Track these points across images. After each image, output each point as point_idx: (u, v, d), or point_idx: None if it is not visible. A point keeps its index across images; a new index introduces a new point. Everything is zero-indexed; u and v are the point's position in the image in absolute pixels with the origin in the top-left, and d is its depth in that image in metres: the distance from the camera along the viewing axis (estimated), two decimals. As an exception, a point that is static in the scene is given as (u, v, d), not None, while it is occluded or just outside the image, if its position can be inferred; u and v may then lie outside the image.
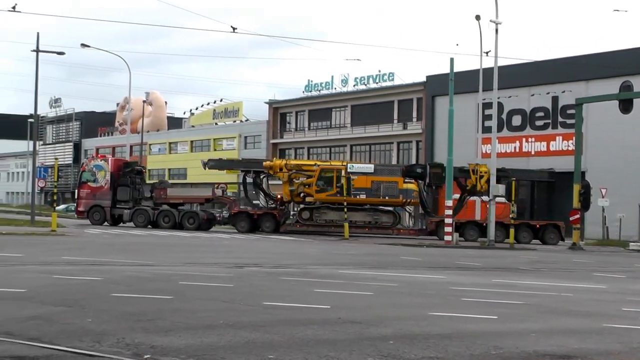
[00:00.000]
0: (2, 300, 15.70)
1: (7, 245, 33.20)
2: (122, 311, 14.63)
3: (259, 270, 25.14)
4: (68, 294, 17.04)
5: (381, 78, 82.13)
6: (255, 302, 16.67)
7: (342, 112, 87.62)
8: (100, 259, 27.46)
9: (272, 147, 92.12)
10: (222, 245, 40.83)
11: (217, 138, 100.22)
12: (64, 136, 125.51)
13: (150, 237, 45.74)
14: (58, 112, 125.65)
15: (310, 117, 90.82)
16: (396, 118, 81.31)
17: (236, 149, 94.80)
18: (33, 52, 54.43)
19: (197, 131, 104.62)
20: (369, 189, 54.90)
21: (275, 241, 46.81)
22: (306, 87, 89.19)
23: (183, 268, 25.01)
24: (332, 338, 12.72)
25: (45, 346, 11.27)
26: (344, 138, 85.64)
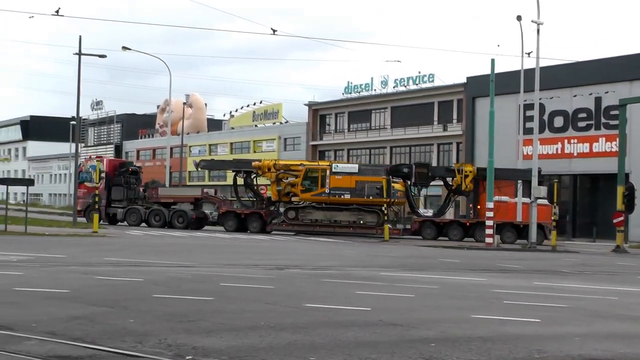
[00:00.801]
0: (46, 301, 15.81)
1: (50, 246, 33.46)
2: (164, 312, 14.68)
3: (300, 272, 25.14)
4: (110, 294, 17.13)
5: (421, 79, 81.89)
6: (296, 303, 16.66)
7: (381, 113, 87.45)
8: (141, 260, 27.60)
9: (312, 149, 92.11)
10: (260, 246, 40.88)
11: (257, 140, 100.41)
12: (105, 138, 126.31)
13: (190, 238, 45.89)
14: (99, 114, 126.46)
15: (350, 118, 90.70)
16: (436, 119, 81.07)
17: (276, 151, 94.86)
18: (75, 55, 54.81)
19: (236, 133, 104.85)
20: (353, 188, 54.91)
21: (313, 243, 46.79)
22: (346, 89, 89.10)
23: (223, 269, 25.05)
24: (374, 340, 12.68)
25: (88, 346, 11.33)
26: (383, 140, 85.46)
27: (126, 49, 73.56)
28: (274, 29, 47.39)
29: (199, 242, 42.52)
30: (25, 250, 29.78)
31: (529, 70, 55.49)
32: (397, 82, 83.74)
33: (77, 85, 54.71)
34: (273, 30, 47.54)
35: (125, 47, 73.36)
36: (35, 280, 19.45)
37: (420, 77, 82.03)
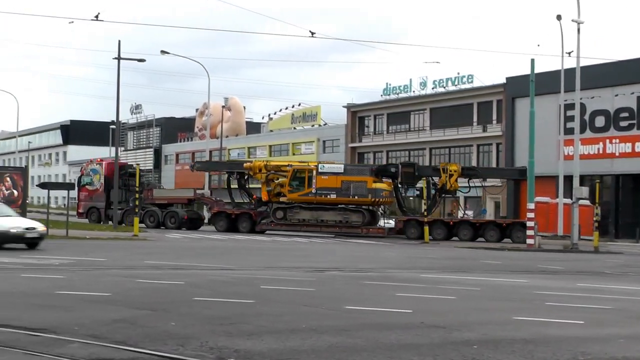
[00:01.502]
0: (88, 304, 15.91)
1: (91, 249, 33.67)
2: (205, 315, 14.73)
3: (340, 275, 25.14)
4: (151, 297, 17.22)
5: (460, 80, 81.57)
6: (337, 306, 16.66)
7: (420, 115, 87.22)
8: (181, 263, 27.73)
9: (351, 151, 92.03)
10: (299, 249, 40.92)
11: (296, 142, 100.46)
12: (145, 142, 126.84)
13: (230, 241, 46.00)
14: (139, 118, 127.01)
15: (389, 120, 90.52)
16: (475, 120, 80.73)
17: (315, 153, 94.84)
18: (115, 59, 55.17)
19: (275, 136, 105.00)
20: (339, 188, 55.29)
21: (352, 245, 46.76)
22: (384, 91, 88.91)
23: (263, 272, 25.11)
24: (416, 342, 12.65)
25: (130, 349, 11.39)
26: (423, 141, 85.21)
27: (165, 52, 73.92)
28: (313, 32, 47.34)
29: (238, 244, 42.63)
30: (67, 254, 29.99)
31: (569, 69, 55.11)
32: (436, 83, 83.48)
33: (116, 90, 55.11)
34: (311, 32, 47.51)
35: (163, 51, 73.72)
36: (77, 284, 19.59)
37: (459, 78, 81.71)
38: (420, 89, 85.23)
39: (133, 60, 58.09)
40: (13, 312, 14.54)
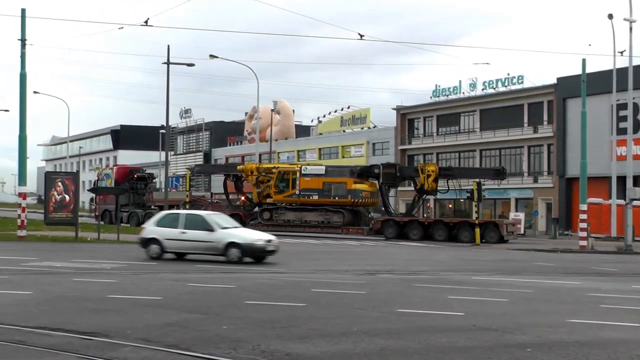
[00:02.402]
0: (140, 308, 16.01)
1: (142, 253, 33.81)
2: (257, 318, 14.76)
3: (391, 277, 25.09)
4: (202, 301, 17.28)
5: (510, 81, 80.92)
6: (389, 309, 16.62)
7: (470, 116, 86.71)
8: (232, 267, 27.78)
9: (401, 154, 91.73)
10: (351, 252, 40.88)
11: (345, 145, 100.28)
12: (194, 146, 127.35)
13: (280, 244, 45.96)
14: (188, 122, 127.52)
15: (439, 122, 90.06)
16: (526, 121, 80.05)
17: (364, 156, 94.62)
18: (164, 64, 55.45)
19: (325, 139, 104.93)
20: (320, 189, 56.71)
21: (404, 247, 46.64)
22: (434, 92, 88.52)
23: (314, 275, 25.11)
24: (468, 345, 12.59)
25: (182, 353, 11.44)
26: (473, 143, 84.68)
27: (214, 57, 74.14)
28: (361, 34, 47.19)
29: (289, 248, 42.65)
30: (119, 258, 30.22)
31: (621, 69, 54.58)
32: (486, 85, 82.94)
33: (166, 94, 55.32)
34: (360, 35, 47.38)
35: (212, 55, 73.93)
36: (129, 288, 19.72)
37: (509, 79, 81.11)
38: (470, 90, 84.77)
39: (182, 65, 58.26)
40: (66, 316, 14.67)
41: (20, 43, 43.44)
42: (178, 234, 29.91)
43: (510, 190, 77.52)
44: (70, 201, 42.60)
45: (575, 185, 69.14)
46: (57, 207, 42.48)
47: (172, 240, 30.00)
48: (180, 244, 30.03)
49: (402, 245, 49.20)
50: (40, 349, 11.57)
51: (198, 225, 29.92)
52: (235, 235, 30.00)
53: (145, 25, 47.21)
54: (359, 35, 47.12)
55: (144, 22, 47.33)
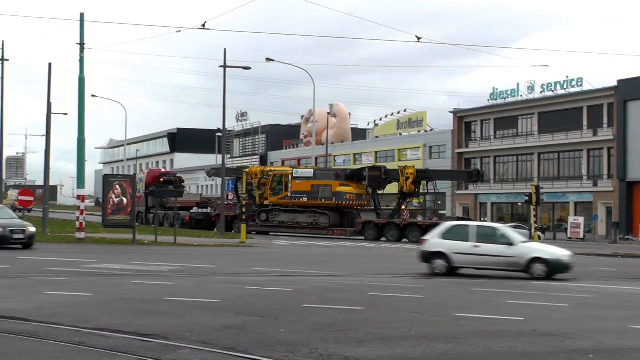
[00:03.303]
0: (197, 310, 16.06)
1: (199, 256, 34.03)
2: (314, 321, 14.75)
3: (449, 281, 24.97)
4: (260, 304, 17.31)
5: (569, 84, 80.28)
6: (447, 313, 16.55)
7: (528, 119, 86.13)
8: (289, 270, 27.84)
9: (457, 157, 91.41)
10: (407, 255, 40.72)
11: (402, 148, 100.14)
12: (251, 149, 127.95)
13: (337, 248, 46.05)
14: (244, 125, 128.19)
15: (496, 125, 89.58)
16: (585, 124, 79.37)
17: (421, 159, 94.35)
18: (220, 67, 55.64)
19: (381, 142, 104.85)
20: (309, 192, 59.07)
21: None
22: (491, 95, 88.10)
23: (371, 279, 25.08)
24: (528, 351, 12.49)
25: (240, 356, 11.46)
26: (531, 146, 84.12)
27: (270, 60, 74.37)
28: (419, 37, 46.89)
29: (345, 251, 42.64)
30: (176, 261, 30.35)
31: (683, 71, 53.94)
32: (544, 87, 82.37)
33: (222, 98, 55.51)
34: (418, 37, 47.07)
35: (269, 59, 74.18)
36: (186, 290, 19.81)
37: (568, 81, 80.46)
38: (528, 93, 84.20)
39: (239, 68, 58.45)
40: (124, 317, 14.77)
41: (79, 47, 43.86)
42: (470, 248, 27.62)
43: (569, 194, 76.96)
44: (127, 204, 42.93)
45: (636, 189, 68.54)
46: (115, 209, 42.82)
47: (463, 255, 27.73)
48: (472, 259, 27.67)
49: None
50: (100, 350, 11.66)
51: (493, 238, 27.80)
52: (540, 250, 28.04)
53: (202, 29, 47.38)
54: (417, 38, 46.81)
55: (201, 26, 47.49)
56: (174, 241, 42.89)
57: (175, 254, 35.40)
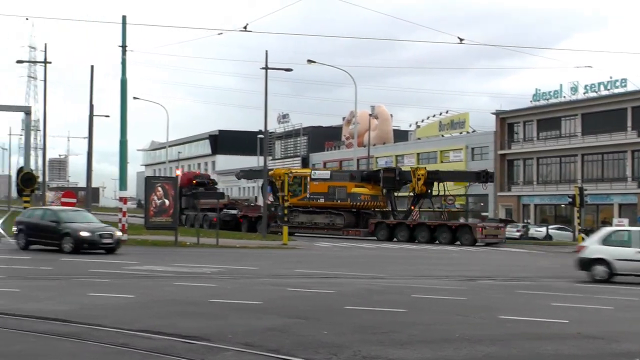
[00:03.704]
0: (240, 312, 16.09)
1: (242, 258, 34.13)
2: (356, 324, 14.71)
3: (492, 283, 24.85)
4: (302, 306, 17.30)
5: (613, 84, 79.66)
6: (491, 315, 16.44)
7: (571, 120, 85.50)
8: (331, 272, 27.82)
9: (500, 158, 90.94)
10: (450, 257, 40.62)
11: (444, 150, 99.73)
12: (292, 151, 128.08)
13: (379, 249, 46.02)
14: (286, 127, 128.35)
15: (539, 126, 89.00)
16: (630, 125, 78.68)
17: (463, 161, 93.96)
18: (262, 69, 55.65)
19: (423, 143, 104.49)
20: (326, 193, 60.27)
21: (504, 253, 46.23)
22: (534, 96, 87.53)
23: (413, 281, 25.01)
24: (573, 354, 12.39)
25: (283, 357, 11.45)
26: (574, 147, 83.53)
27: (311, 62, 74.41)
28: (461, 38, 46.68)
29: (388, 253, 42.59)
30: (218, 263, 30.44)
31: None
32: (588, 88, 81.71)
33: (264, 99, 55.50)
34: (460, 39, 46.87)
35: (310, 60, 74.17)
36: (229, 292, 19.85)
37: (612, 82, 79.78)
38: (571, 94, 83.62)
39: (280, 70, 58.50)
40: (167, 319, 14.81)
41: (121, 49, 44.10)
42: (634, 254, 26.48)
43: (613, 195, 76.32)
44: (169, 205, 43.04)
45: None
46: (157, 211, 42.94)
47: (626, 261, 26.57)
48: (637, 266, 26.52)
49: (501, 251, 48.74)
50: (142, 351, 11.69)
51: None
52: None
53: (244, 31, 47.51)
54: (459, 39, 46.63)
55: (242, 28, 47.63)
56: (216, 243, 43.02)
57: (217, 255, 35.50)
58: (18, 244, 35.73)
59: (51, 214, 36.04)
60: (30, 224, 35.83)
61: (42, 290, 19.31)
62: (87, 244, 33.82)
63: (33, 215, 36.92)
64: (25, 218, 36.83)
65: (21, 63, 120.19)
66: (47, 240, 34.94)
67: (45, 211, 37.56)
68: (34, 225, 35.68)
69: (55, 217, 35.11)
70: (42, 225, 35.21)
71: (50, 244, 34.73)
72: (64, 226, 34.19)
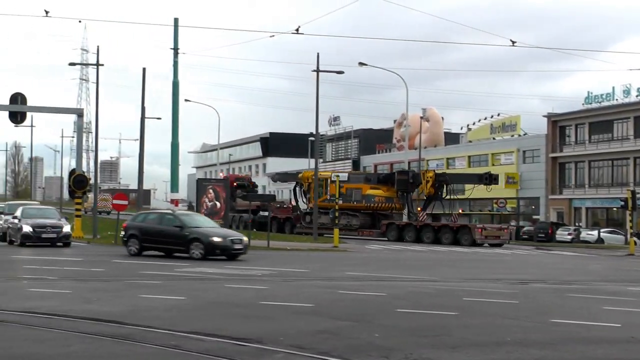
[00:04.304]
0: (291, 314, 16.12)
1: (292, 260, 34.21)
2: (408, 327, 14.68)
3: (544, 287, 24.68)
4: (354, 309, 17.31)
5: (666, 87, 78.89)
6: (542, 319, 16.33)
7: (624, 124, 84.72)
8: (382, 275, 27.79)
9: (552, 161, 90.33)
10: (502, 260, 40.40)
11: (495, 153, 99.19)
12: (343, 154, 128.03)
13: (430, 252, 45.89)
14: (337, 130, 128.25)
15: (591, 129, 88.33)
16: (683, 128, 77.99)
17: (514, 164, 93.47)
18: (313, 72, 55.75)
19: (474, 146, 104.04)
20: (344, 195, 60.81)
21: (555, 257, 45.93)
22: (586, 99, 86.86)
23: (465, 284, 24.91)
24: (625, 358, 12.32)
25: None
26: (626, 150, 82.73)
27: (362, 64, 74.34)
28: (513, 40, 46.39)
29: (439, 256, 42.45)
30: (269, 265, 30.49)
31: None
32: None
33: (315, 102, 55.59)
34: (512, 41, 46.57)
35: (361, 63, 74.09)
36: (280, 294, 19.89)
37: (665, 84, 79.00)
38: (624, 97, 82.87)
39: (331, 73, 58.51)
40: (219, 321, 14.88)
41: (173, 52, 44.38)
42: None
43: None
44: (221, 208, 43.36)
45: None
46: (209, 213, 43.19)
47: None
48: None
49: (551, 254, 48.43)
50: (195, 353, 11.75)
51: None
52: None
53: (296, 33, 47.59)
54: (511, 42, 46.34)
55: (294, 30, 47.72)
56: (267, 245, 43.14)
57: (268, 258, 35.58)
58: (130, 250, 34.48)
59: (172, 218, 34.80)
60: (145, 229, 34.51)
61: (103, 292, 19.46)
62: (219, 249, 32.83)
63: (147, 220, 35.90)
64: (137, 222, 35.52)
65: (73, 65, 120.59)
66: (169, 246, 33.84)
67: (162, 215, 36.35)
68: (150, 230, 34.43)
69: (179, 221, 33.92)
70: (162, 231, 34.06)
71: (172, 250, 33.73)
72: (190, 231, 33.17)
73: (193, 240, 32.74)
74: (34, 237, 38.56)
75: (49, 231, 38.91)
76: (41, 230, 38.80)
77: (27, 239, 38.59)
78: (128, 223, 35.95)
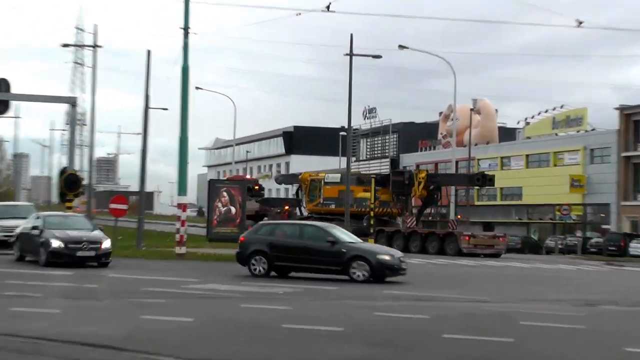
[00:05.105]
0: (319, 339, 16.09)
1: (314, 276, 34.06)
2: (456, 355, 14.64)
3: (616, 309, 24.54)
4: (392, 333, 17.25)
5: None
6: (615, 346, 16.25)
7: None
8: (425, 294, 27.64)
9: (624, 162, 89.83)
10: (564, 277, 40.20)
11: (558, 151, 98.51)
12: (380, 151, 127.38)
13: (481, 267, 45.71)
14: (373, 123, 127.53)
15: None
16: None
17: (580, 164, 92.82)
18: (346, 56, 55.18)
19: (533, 143, 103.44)
20: (337, 198, 63.37)
21: (626, 273, 45.73)
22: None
23: (522, 305, 24.79)
24: None
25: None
26: None
27: (403, 47, 74.13)
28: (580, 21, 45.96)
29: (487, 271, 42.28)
30: (292, 281, 30.32)
31: None
32: None
33: (348, 91, 54.98)
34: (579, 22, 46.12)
35: (402, 46, 73.88)
36: (306, 316, 19.84)
37: None
38: None
39: (367, 57, 58.11)
40: (233, 346, 14.87)
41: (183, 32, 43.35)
42: None
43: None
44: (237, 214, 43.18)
45: None
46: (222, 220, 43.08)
47: None
48: None
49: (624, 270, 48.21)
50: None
51: None
52: None
53: (326, 11, 47.38)
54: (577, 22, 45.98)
55: (325, 8, 47.50)
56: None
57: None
58: (254, 270, 32.05)
59: (319, 230, 32.80)
60: (279, 244, 32.24)
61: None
62: (388, 269, 31.41)
63: (276, 232, 33.47)
64: (263, 236, 33.04)
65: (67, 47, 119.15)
66: (318, 265, 31.83)
67: (303, 226, 34.51)
68: (287, 246, 32.28)
69: (331, 235, 31.74)
70: (306, 247, 31.96)
71: (323, 270, 31.79)
72: (347, 247, 31.43)
73: (354, 259, 31.13)
74: (66, 255, 33.67)
75: (86, 248, 33.97)
76: (76, 246, 33.91)
77: (57, 257, 33.62)
78: (248, 236, 33.63)
